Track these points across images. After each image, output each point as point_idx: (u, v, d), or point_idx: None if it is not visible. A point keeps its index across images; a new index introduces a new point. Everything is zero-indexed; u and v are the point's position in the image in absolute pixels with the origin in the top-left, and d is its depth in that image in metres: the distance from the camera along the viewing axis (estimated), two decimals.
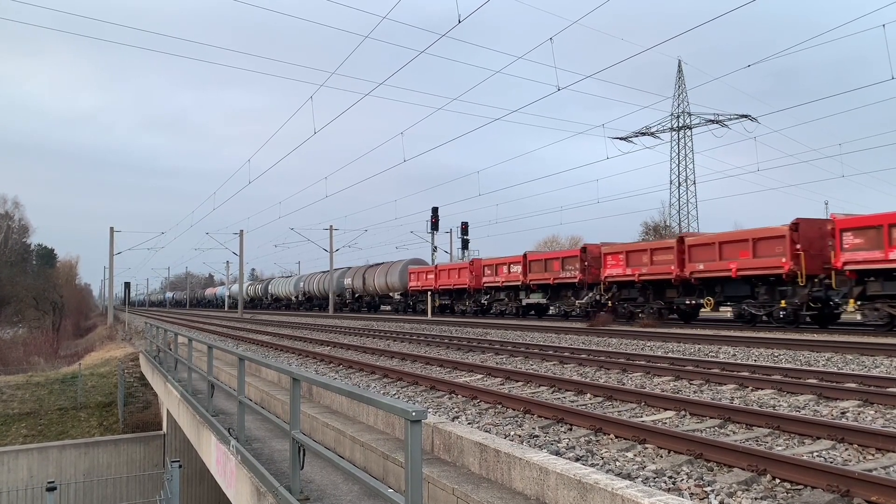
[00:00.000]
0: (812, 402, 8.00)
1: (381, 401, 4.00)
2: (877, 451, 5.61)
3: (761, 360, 12.32)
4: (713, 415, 7.12)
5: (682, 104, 60.45)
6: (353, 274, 55.12)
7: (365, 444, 6.87)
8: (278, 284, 75.68)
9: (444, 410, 8.20)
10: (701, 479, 4.96)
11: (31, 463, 19.04)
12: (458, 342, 17.56)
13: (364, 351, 16.48)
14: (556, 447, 6.00)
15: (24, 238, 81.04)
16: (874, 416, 7.08)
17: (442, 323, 29.45)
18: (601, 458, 5.65)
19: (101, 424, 22.69)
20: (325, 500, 5.71)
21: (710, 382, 9.69)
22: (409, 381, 10.84)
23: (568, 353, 14.02)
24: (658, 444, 5.93)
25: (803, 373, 10.01)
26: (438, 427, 6.17)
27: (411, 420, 3.51)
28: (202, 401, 10.83)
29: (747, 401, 8.20)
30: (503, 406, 8.20)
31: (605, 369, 11.58)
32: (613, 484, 4.09)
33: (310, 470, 6.41)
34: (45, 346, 45.51)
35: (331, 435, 7.88)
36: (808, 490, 4.68)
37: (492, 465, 5.30)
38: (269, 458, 7.33)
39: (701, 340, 16.22)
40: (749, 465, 5.09)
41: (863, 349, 12.99)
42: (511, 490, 4.99)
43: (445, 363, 12.96)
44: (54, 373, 28.12)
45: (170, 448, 19.23)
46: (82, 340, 57.71)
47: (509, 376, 10.84)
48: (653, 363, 11.79)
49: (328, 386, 5.00)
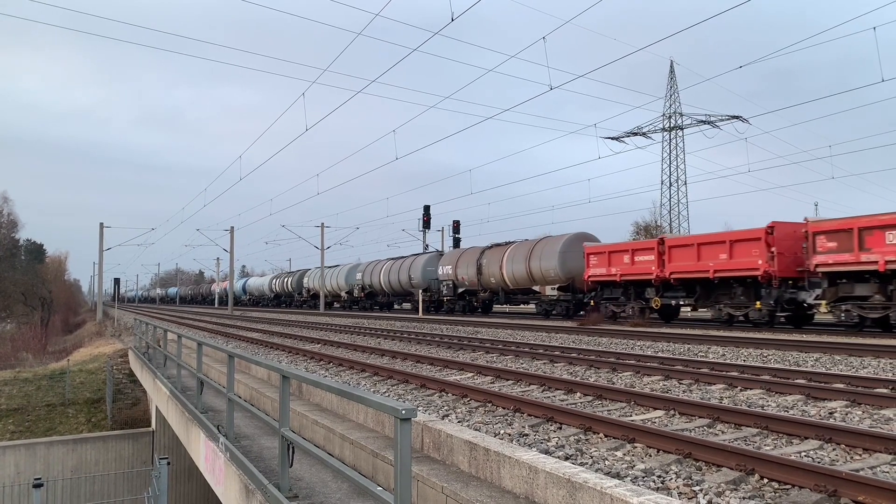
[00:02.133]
0: (800, 402, 8.04)
1: (370, 399, 3.99)
2: (864, 451, 5.64)
3: (750, 360, 12.38)
4: (702, 414, 7.15)
5: (674, 105, 60.68)
6: (458, 259, 37.35)
7: (354, 441, 6.86)
8: (319, 278, 56.97)
9: (433, 409, 8.20)
10: (689, 478, 4.98)
11: (18, 459, 18.91)
12: (449, 340, 17.56)
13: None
14: (545, 446, 6.01)
15: (12, 233, 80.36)
16: (862, 417, 7.12)
17: None
18: (590, 457, 5.66)
19: (89, 421, 22.56)
20: (314, 497, 5.69)
21: (700, 382, 9.73)
22: (399, 378, 10.83)
23: (558, 352, 14.04)
24: (647, 444, 5.95)
25: (792, 373, 10.06)
26: (428, 425, 6.16)
27: (401, 418, 3.50)
28: (191, 398, 10.79)
29: (736, 401, 8.24)
30: (493, 405, 8.20)
31: (595, 368, 11.60)
32: (602, 483, 4.10)
33: (299, 468, 6.39)
34: (34, 341, 45.18)
35: (320, 433, 7.86)
36: (796, 490, 4.70)
37: (481, 463, 5.29)
38: (258, 455, 7.31)
39: (690, 340, 16.29)
40: (737, 465, 5.11)
41: (851, 350, 13.08)
42: (500, 489, 4.99)
43: (436, 361, 12.95)
44: (42, 369, 27.95)
45: (158, 445, 19.13)
46: (71, 336, 57.36)
47: (499, 375, 10.84)
48: (643, 363, 11.83)
49: (318, 383, 4.98)
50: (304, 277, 64.26)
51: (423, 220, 51.78)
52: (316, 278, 58.91)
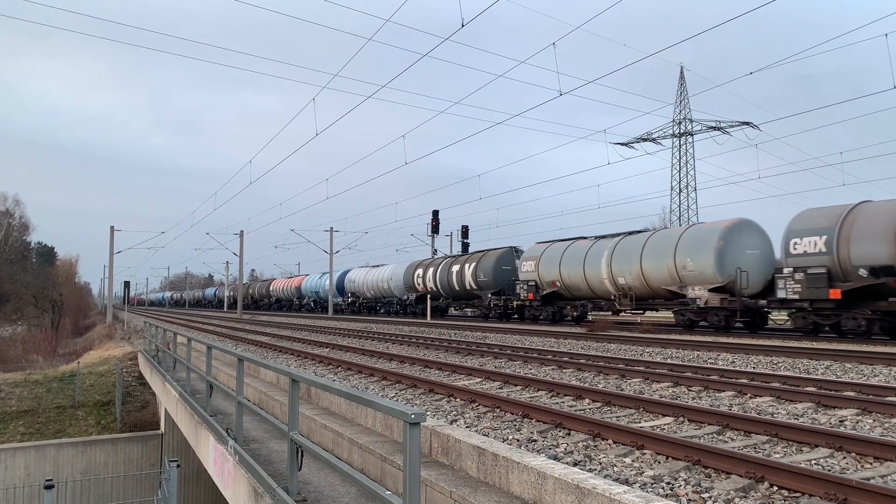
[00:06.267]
0: (810, 409, 8.00)
1: (379, 402, 4.00)
2: (875, 459, 5.61)
3: (760, 367, 12.32)
4: (711, 421, 7.12)
5: (684, 110, 60.57)
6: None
7: (363, 445, 6.87)
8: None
9: (442, 413, 8.20)
10: (699, 485, 4.96)
11: (28, 461, 19.03)
12: (458, 346, 17.55)
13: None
14: (554, 452, 6.00)
15: (24, 236, 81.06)
16: (872, 425, 7.08)
17: None
18: (599, 463, 5.65)
19: (98, 423, 22.67)
20: (322, 501, 5.70)
21: (709, 389, 9.69)
22: (408, 383, 10.84)
23: (567, 357, 14.02)
24: (656, 450, 5.93)
25: (802, 381, 10.00)
26: (437, 430, 6.16)
27: (410, 422, 3.51)
28: (200, 401, 10.83)
29: (746, 408, 8.20)
30: (501, 410, 8.20)
31: (604, 374, 11.57)
32: (611, 489, 4.09)
33: (308, 471, 6.41)
34: (44, 344, 45.45)
35: (329, 436, 7.88)
36: (806, 498, 4.67)
37: (489, 468, 5.30)
38: (266, 458, 7.33)
39: (700, 347, 16.22)
40: (747, 472, 5.09)
41: (862, 358, 12.99)
42: (508, 494, 4.99)
43: (444, 366, 12.95)
44: (53, 371, 28.11)
45: (167, 448, 19.22)
46: (81, 339, 57.67)
47: (508, 380, 10.84)
48: (652, 369, 11.79)
49: (327, 387, 5.00)
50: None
51: (432, 225, 51.72)
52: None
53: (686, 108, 60.71)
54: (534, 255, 31.50)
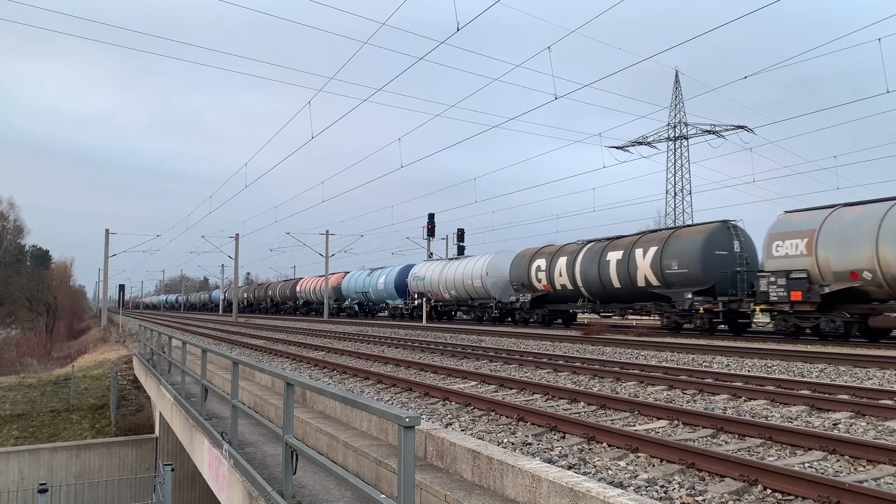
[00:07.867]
0: (804, 413, 8.03)
1: (374, 406, 4.01)
2: (868, 462, 5.63)
3: (755, 370, 12.35)
4: (706, 424, 7.14)
5: (679, 114, 60.73)
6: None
7: (358, 449, 6.87)
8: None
9: (437, 417, 8.21)
10: (693, 488, 4.98)
11: (22, 465, 18.95)
12: (454, 349, 17.55)
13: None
14: (548, 455, 6.01)
15: (18, 239, 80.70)
16: (866, 428, 7.10)
17: None
18: (594, 466, 5.66)
19: (93, 427, 22.60)
20: None
21: (704, 392, 9.72)
22: (403, 387, 10.84)
23: (562, 361, 14.03)
24: (650, 453, 5.95)
25: (796, 384, 10.04)
26: (432, 433, 6.17)
27: (405, 426, 3.52)
28: (195, 404, 10.81)
29: (740, 411, 8.22)
30: (496, 413, 8.21)
31: (599, 378, 11.59)
32: (605, 492, 4.10)
33: (302, 475, 6.40)
34: (38, 347, 45.27)
35: (324, 440, 7.88)
36: (799, 500, 4.69)
37: (484, 472, 5.30)
38: (261, 462, 7.32)
39: (695, 350, 16.26)
40: (741, 475, 5.11)
41: (856, 361, 13.04)
42: (503, 497, 5.00)
43: (439, 370, 12.95)
44: (47, 374, 28.02)
45: (162, 451, 19.16)
46: (76, 342, 57.53)
47: (503, 384, 10.84)
48: (647, 372, 11.81)
49: (322, 391, 5.01)
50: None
51: (428, 228, 51.63)
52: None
53: (681, 111, 60.89)
54: None
